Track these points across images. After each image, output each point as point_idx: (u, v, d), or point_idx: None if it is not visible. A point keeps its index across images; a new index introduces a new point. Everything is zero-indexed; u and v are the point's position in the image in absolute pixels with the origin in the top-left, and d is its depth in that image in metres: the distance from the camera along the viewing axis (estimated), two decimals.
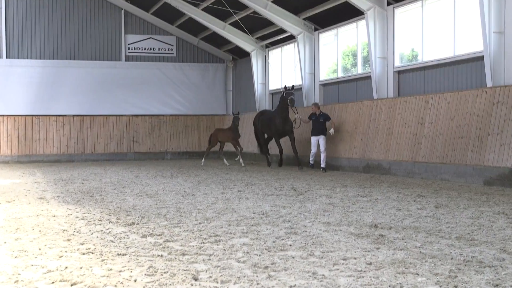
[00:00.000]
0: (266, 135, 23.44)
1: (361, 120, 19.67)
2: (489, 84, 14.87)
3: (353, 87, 21.70)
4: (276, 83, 27.62)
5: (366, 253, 6.47)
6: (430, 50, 17.87)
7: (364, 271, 5.65)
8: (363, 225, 8.38)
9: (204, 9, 26.69)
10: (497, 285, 5.11)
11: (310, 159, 20.67)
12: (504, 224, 8.27)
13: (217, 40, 30.31)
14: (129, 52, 30.62)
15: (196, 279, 5.44)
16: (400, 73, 19.00)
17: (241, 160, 23.44)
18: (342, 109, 21.07)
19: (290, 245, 6.95)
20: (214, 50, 31.92)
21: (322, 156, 19.86)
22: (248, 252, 6.56)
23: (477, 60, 15.75)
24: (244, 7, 24.47)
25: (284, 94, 21.04)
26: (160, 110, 31.10)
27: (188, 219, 9.17)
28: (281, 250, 6.70)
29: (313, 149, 20.33)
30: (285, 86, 21.43)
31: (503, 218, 8.81)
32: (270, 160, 23.01)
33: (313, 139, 20.26)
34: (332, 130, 19.91)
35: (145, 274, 5.62)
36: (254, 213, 9.68)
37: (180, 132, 31.44)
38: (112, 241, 7.34)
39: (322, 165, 19.83)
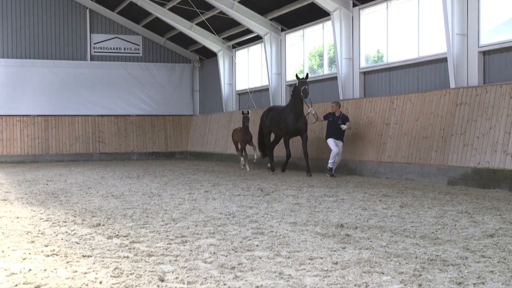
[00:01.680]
0: (273, 136, 20.48)
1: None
2: (452, 85, 15.09)
3: (319, 88, 21.81)
4: (243, 83, 27.64)
5: (332, 252, 6.51)
6: (395, 51, 18.06)
7: (330, 271, 5.68)
8: (329, 225, 8.43)
9: (171, 9, 26.57)
10: (460, 283, 5.18)
11: (330, 161, 17.18)
12: (467, 223, 8.39)
13: (184, 40, 30.21)
14: (94, 52, 30.31)
15: (162, 280, 5.41)
16: (365, 74, 19.17)
17: (246, 165, 21.03)
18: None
19: (257, 245, 6.95)
20: (181, 50, 31.79)
21: (338, 159, 17.43)
22: (215, 253, 6.55)
23: (441, 61, 15.98)
24: (211, 7, 24.42)
25: (297, 84, 17.90)
26: (126, 110, 30.85)
27: (155, 220, 9.11)
28: (248, 250, 6.70)
29: (334, 148, 17.11)
30: (296, 75, 18.23)
31: (466, 217, 8.94)
32: (274, 165, 19.60)
33: (331, 140, 17.27)
34: (344, 126, 17.04)
35: (110, 276, 5.57)
36: (221, 214, 9.66)
37: (146, 132, 31.24)
38: (77, 243, 7.25)
39: (331, 170, 17.19)
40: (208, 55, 30.84)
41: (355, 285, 5.17)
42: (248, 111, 21.14)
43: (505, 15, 14.84)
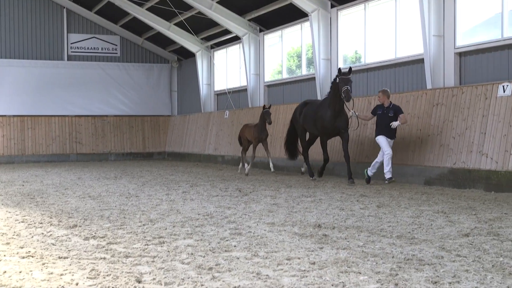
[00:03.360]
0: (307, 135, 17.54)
1: None
2: (429, 86, 15.23)
3: (297, 88, 21.87)
4: (221, 84, 27.62)
5: (309, 252, 6.53)
6: (372, 52, 18.17)
7: (308, 271, 5.69)
8: (307, 225, 8.45)
9: (149, 9, 26.46)
10: (436, 282, 5.23)
11: (386, 168, 14.08)
12: (443, 223, 8.47)
13: (162, 40, 30.10)
14: (71, 52, 30.07)
15: (139, 282, 5.39)
16: None
17: (248, 167, 18.60)
18: (286, 110, 21.19)
19: (235, 246, 6.95)
20: (159, 50, 31.68)
21: (389, 162, 14.15)
22: (192, 254, 6.53)
23: (418, 62, 16.11)
24: (189, 7, 24.37)
25: (338, 81, 14.72)
26: (103, 111, 30.65)
27: (132, 221, 9.07)
28: (225, 251, 6.70)
29: (387, 149, 14.07)
30: (339, 69, 15.12)
31: (442, 217, 9.03)
32: (311, 169, 16.81)
33: (382, 137, 14.22)
34: (396, 123, 14.03)
35: (87, 277, 5.53)
36: (198, 214, 9.64)
37: (124, 133, 31.06)
38: (53, 244, 7.19)
39: (388, 175, 14.14)
40: (186, 56, 30.76)
41: (332, 285, 5.19)
42: (270, 105, 18.65)
43: (480, 17, 15.01)
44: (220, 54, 27.95)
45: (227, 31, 24.90)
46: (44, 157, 29.09)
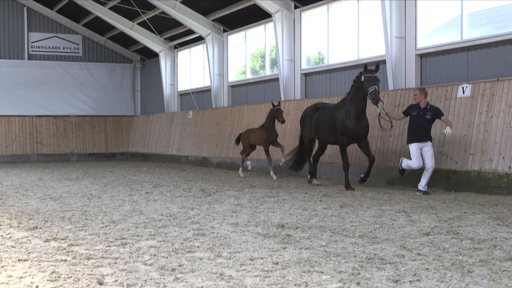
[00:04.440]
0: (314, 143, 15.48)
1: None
2: (390, 87, 15.41)
3: (261, 89, 21.91)
4: (185, 84, 27.52)
5: (273, 253, 6.54)
6: (335, 53, 18.31)
7: (271, 271, 5.70)
8: (270, 225, 8.47)
9: (112, 8, 26.22)
10: (397, 280, 5.29)
11: (423, 181, 12.47)
12: (404, 222, 8.58)
13: (125, 40, 29.85)
14: (32, 51, 29.59)
15: (101, 284, 5.32)
16: (307, 75, 19.36)
17: (272, 173, 16.96)
18: (250, 111, 21.23)
19: (198, 247, 6.93)
20: (122, 50, 31.40)
21: (427, 174, 12.45)
22: (155, 255, 6.49)
23: (380, 63, 16.25)
24: (153, 7, 24.22)
25: (363, 79, 12.98)
26: (65, 111, 30.24)
27: (94, 222, 8.97)
28: (188, 252, 6.67)
29: (417, 162, 12.36)
30: (365, 66, 13.23)
31: (404, 216, 9.14)
32: (314, 173, 15.19)
33: (415, 146, 12.41)
34: (448, 130, 12.19)
35: (47, 280, 5.45)
36: (161, 215, 9.58)
37: (86, 133, 30.71)
38: (13, 247, 7.06)
39: (423, 188, 12.41)
40: (149, 55, 30.57)
41: (295, 285, 5.21)
42: (278, 102, 16.90)
43: (441, 19, 15.25)
44: (183, 54, 27.85)
45: (190, 31, 24.82)
46: (4, 157, 28.56)
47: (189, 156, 24.97)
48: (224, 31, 23.59)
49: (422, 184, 12.41)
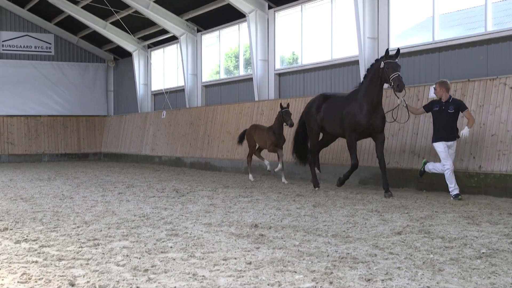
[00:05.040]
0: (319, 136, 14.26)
1: (243, 121, 19.89)
2: None
3: (235, 89, 21.91)
4: (159, 84, 27.40)
5: (246, 252, 6.54)
6: (309, 54, 18.39)
7: (244, 271, 5.71)
8: (243, 225, 8.47)
9: (84, 7, 26.00)
10: (369, 279, 5.33)
11: (451, 185, 11.44)
12: (376, 221, 8.64)
13: (98, 39, 29.62)
14: (3, 50, 29.20)
15: (73, 285, 5.28)
16: (280, 75, 19.41)
17: (283, 177, 15.50)
18: (224, 111, 21.22)
19: (171, 247, 6.90)
20: (95, 50, 31.16)
21: (448, 175, 11.45)
22: (128, 255, 6.45)
23: (353, 64, 16.38)
24: (126, 6, 24.07)
25: (383, 65, 11.86)
26: (37, 111, 29.89)
27: (66, 223, 8.88)
28: (161, 252, 6.64)
29: (448, 161, 11.39)
30: (387, 51, 12.15)
31: (376, 216, 9.21)
32: (319, 177, 14.18)
33: (441, 145, 11.46)
34: (466, 131, 11.33)
35: (18, 282, 5.38)
36: (134, 216, 9.53)
37: (58, 133, 30.40)
38: None
39: (456, 191, 11.39)
40: (123, 55, 30.37)
41: (268, 284, 5.22)
42: (288, 104, 15.45)
43: (413, 20, 15.40)
44: (157, 54, 27.73)
45: (164, 31, 24.72)
46: None
47: (163, 156, 24.87)
48: (198, 31, 23.54)
49: (454, 188, 11.33)
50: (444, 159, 11.40)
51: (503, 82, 12.13)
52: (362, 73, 15.47)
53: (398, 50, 12.03)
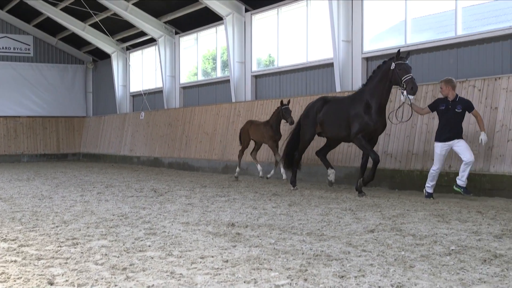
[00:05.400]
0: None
1: (220, 122, 19.89)
2: (338, 89, 15.61)
3: (212, 90, 21.89)
4: (137, 85, 27.28)
5: (223, 251, 6.55)
6: (285, 56, 18.44)
7: (221, 269, 5.71)
8: (220, 224, 8.47)
9: (63, 9, 25.79)
10: (342, 276, 5.36)
11: (429, 183, 11.31)
12: (350, 220, 8.70)
13: (76, 41, 29.39)
14: None
15: (51, 284, 5.24)
16: (257, 77, 19.44)
17: (282, 171, 14.74)
18: (202, 112, 21.19)
19: (149, 246, 6.88)
20: (74, 51, 30.91)
21: (466, 168, 10.80)
22: (106, 254, 6.42)
23: (328, 66, 16.48)
24: (105, 8, 23.92)
25: (394, 66, 11.24)
26: (16, 112, 29.57)
27: (45, 222, 8.81)
28: (140, 251, 6.62)
29: (438, 164, 11.16)
30: (398, 51, 11.41)
31: (350, 214, 9.27)
32: (294, 179, 13.60)
33: (440, 147, 11.07)
34: (484, 136, 10.79)
35: None
36: (113, 215, 9.48)
37: (37, 134, 30.11)
38: None
39: (463, 183, 10.92)
40: (101, 57, 30.17)
41: (244, 282, 5.23)
42: (288, 101, 14.97)
43: (386, 24, 15.53)
44: (135, 56, 27.59)
45: (143, 33, 24.62)
46: None
47: (141, 156, 24.76)
48: (176, 33, 23.48)
49: (463, 179, 10.83)
50: (435, 161, 11.13)
51: (472, 85, 12.29)
52: (337, 75, 15.59)
53: (409, 53, 11.71)
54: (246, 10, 19.44)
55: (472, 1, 13.27)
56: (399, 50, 11.53)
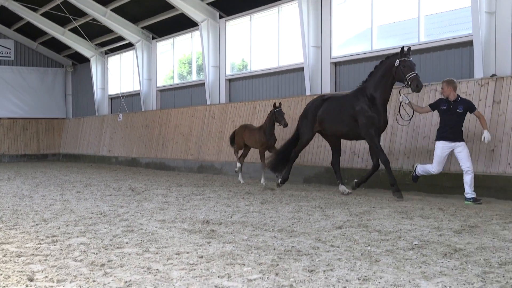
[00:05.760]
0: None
1: (196, 124, 19.84)
2: (308, 92, 15.67)
3: (188, 93, 21.81)
4: (115, 88, 27.07)
5: (198, 247, 6.53)
6: (257, 61, 18.46)
7: (196, 264, 5.69)
8: (196, 221, 8.45)
9: (43, 14, 25.47)
10: (312, 270, 5.39)
11: (419, 169, 10.96)
12: (319, 217, 8.74)
13: (56, 45, 29.04)
14: None
15: (31, 280, 5.17)
16: (231, 81, 19.42)
17: (262, 181, 13.98)
18: (178, 114, 21.10)
19: (127, 243, 6.83)
20: (54, 55, 30.54)
21: (468, 177, 10.26)
22: (85, 251, 6.35)
23: (298, 70, 16.53)
24: (84, 14, 23.68)
25: (398, 63, 10.81)
26: None
27: (25, 221, 8.69)
28: (117, 247, 6.57)
29: (437, 166, 10.59)
30: (402, 48, 10.95)
31: (319, 211, 9.31)
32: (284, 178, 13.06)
33: (441, 147, 10.45)
34: (487, 134, 10.28)
35: None
36: (92, 213, 9.39)
37: (18, 135, 29.68)
38: None
39: (471, 194, 10.19)
40: (81, 60, 29.86)
41: (218, 277, 5.22)
42: (280, 103, 14.05)
43: (353, 31, 15.63)
44: (114, 60, 27.36)
45: (121, 38, 24.43)
46: None
47: (119, 156, 24.57)
48: (153, 38, 23.35)
49: (469, 191, 10.20)
50: (435, 163, 10.51)
51: (434, 88, 12.43)
52: (307, 79, 15.64)
53: (409, 48, 11.03)
54: (221, 17, 19.40)
55: (433, 10, 13.42)
56: (403, 47, 10.96)
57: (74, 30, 26.02)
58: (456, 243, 6.57)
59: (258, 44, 18.41)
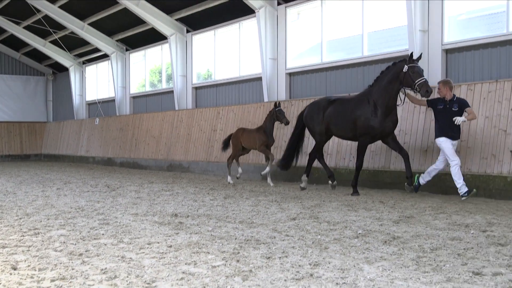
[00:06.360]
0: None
1: (165, 127, 19.69)
2: (266, 99, 15.72)
3: (158, 100, 21.63)
4: (92, 95, 26.65)
5: (167, 237, 6.49)
6: (221, 71, 18.43)
7: (166, 253, 5.66)
8: (165, 214, 8.39)
9: (26, 27, 24.91)
10: (269, 257, 5.42)
11: (458, 181, 9.56)
12: (276, 210, 8.78)
13: (38, 55, 28.42)
14: None
15: (15, 269, 5.06)
16: (197, 89, 19.34)
17: (268, 179, 13.01)
18: (149, 118, 20.91)
19: (103, 234, 6.74)
20: (35, 64, 29.87)
21: (431, 172, 10.11)
22: (64, 242, 6.25)
23: (257, 80, 16.57)
24: (63, 27, 23.25)
25: (406, 69, 9.93)
26: None
27: (9, 215, 8.49)
28: (94, 239, 6.48)
29: (455, 157, 9.62)
30: (411, 54, 10.08)
31: (275, 205, 9.35)
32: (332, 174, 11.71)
33: (445, 140, 9.70)
34: (462, 118, 9.57)
35: None
36: (71, 208, 9.23)
37: (2, 137, 28.92)
38: None
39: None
40: (60, 69, 29.29)
41: (185, 264, 5.21)
42: (279, 102, 12.99)
43: (305, 45, 15.75)
44: (91, 69, 26.93)
45: (97, 49, 24.06)
46: None
47: (96, 157, 24.20)
48: (127, 50, 23.08)
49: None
50: (451, 155, 9.57)
51: None
52: (265, 88, 15.68)
53: (420, 55, 10.25)
54: (188, 31, 19.30)
55: (375, 27, 13.63)
56: (412, 52, 10.17)
57: (54, 42, 25.51)
58: (395, 232, 6.69)
59: (221, 56, 18.38)
